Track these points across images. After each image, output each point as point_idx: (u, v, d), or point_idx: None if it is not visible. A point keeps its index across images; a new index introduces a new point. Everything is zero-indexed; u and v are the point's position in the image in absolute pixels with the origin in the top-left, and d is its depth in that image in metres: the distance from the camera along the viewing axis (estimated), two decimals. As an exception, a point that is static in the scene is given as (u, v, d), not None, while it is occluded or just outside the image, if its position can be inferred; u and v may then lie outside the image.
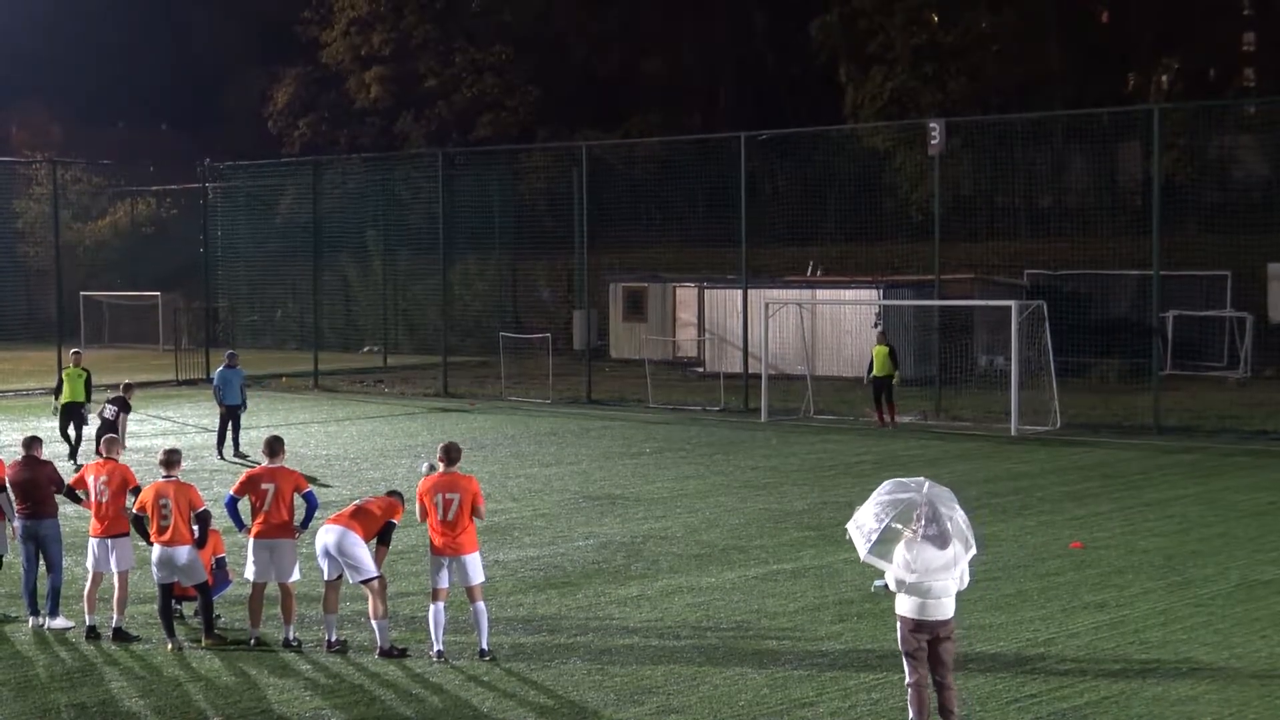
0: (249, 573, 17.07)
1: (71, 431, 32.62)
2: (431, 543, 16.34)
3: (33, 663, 16.50)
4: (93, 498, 17.55)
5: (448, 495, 16.24)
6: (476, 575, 16.34)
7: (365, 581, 16.53)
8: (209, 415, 39.20)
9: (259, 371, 49.88)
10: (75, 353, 34.95)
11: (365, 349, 63.77)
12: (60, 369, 37.38)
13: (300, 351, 58.19)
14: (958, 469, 30.07)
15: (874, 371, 37.91)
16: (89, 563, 17.63)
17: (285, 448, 17.55)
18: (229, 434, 33.35)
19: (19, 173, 73.09)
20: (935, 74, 69.62)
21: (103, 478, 17.53)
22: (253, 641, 16.99)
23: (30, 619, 17.95)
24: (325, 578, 16.74)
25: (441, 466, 16.56)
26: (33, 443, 18.37)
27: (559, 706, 14.68)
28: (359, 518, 16.75)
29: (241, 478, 17.35)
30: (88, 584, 17.63)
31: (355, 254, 65.45)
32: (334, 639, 16.81)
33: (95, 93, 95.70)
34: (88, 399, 32.88)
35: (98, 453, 18.39)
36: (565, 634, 17.33)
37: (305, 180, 59.23)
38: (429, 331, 58.48)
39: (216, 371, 34.70)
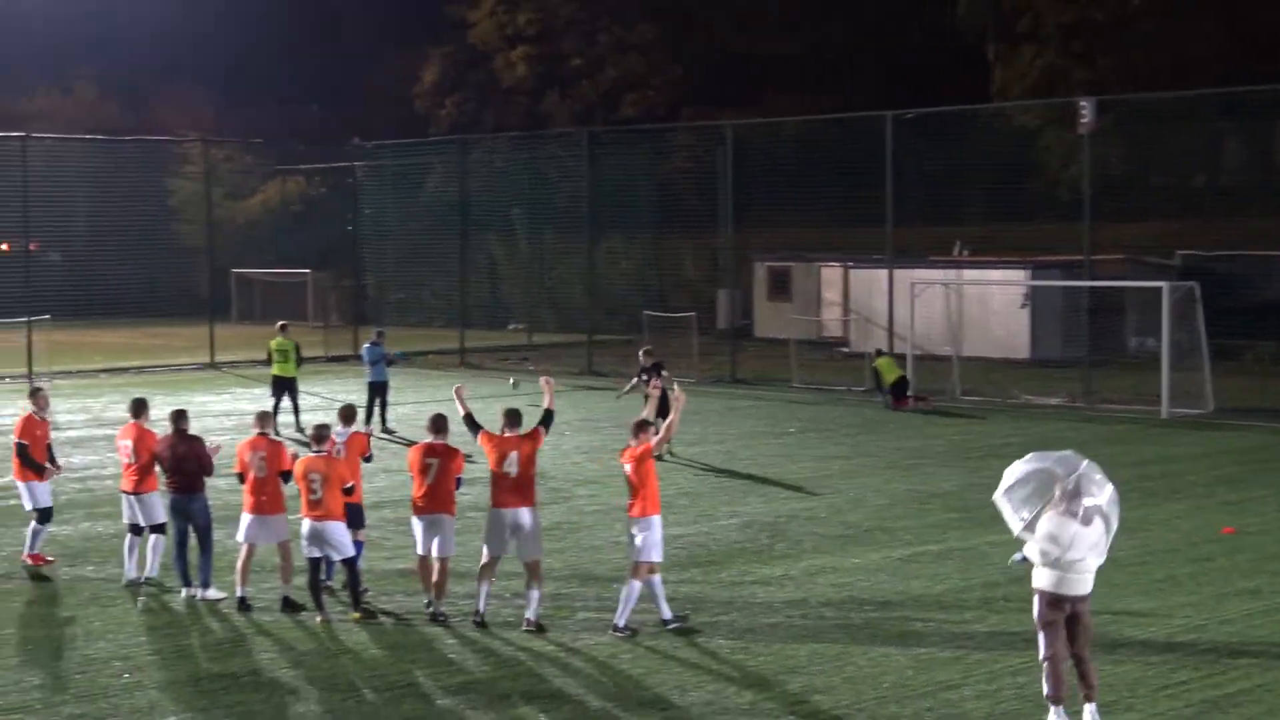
0: (417, 548, 17.36)
1: (287, 402, 33.70)
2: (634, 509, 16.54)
3: (186, 633, 16.81)
4: (250, 473, 17.79)
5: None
6: (655, 551, 16.46)
7: (535, 558, 16.86)
8: (357, 391, 39.69)
9: (406, 349, 50.32)
10: (281, 325, 35.63)
11: (510, 327, 64.12)
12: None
13: (446, 329, 58.65)
14: (1106, 452, 29.62)
15: (885, 382, 37.46)
16: (240, 536, 17.88)
17: (449, 425, 17.65)
18: (376, 410, 33.76)
19: (172, 151, 74.31)
20: (1085, 51, 68.62)
21: (260, 453, 17.75)
22: (429, 609, 17.23)
23: (183, 590, 18.26)
24: (493, 554, 16.99)
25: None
26: (180, 417, 18.60)
27: (702, 683, 14.69)
28: (532, 489, 17.04)
29: (409, 454, 17.55)
30: (241, 557, 17.94)
31: (501, 232, 65.77)
32: (482, 609, 17.02)
33: (247, 73, 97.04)
34: (297, 367, 34.55)
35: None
36: (709, 612, 17.33)
37: (452, 159, 59.69)
38: (574, 310, 58.67)
39: (364, 348, 35.15)
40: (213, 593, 18.14)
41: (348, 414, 18.86)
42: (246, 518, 17.78)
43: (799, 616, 17.25)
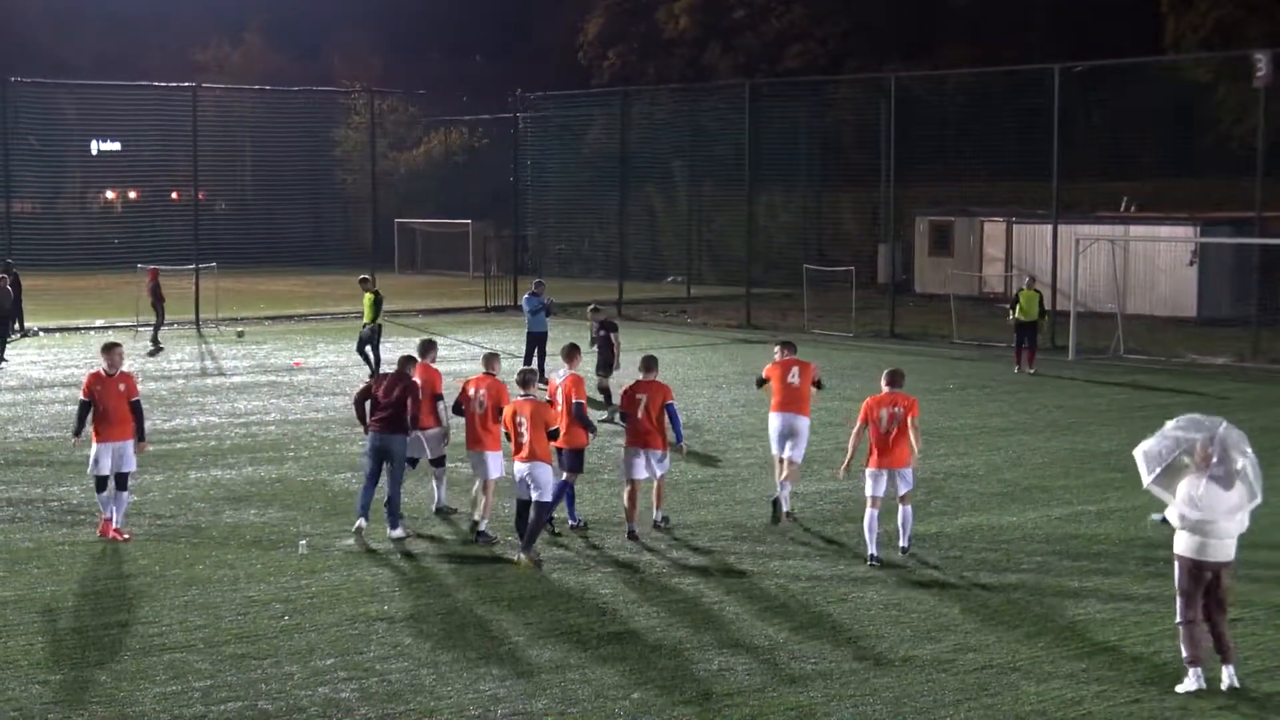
0: (630, 473, 18.44)
1: (369, 351, 34.45)
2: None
3: (345, 576, 17.01)
4: (475, 410, 18.30)
5: (893, 410, 18.11)
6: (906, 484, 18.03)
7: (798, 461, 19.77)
8: (516, 341, 39.97)
9: (565, 300, 50.58)
10: (362, 279, 36.42)
11: (669, 279, 64.20)
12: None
13: (605, 280, 58.88)
14: (1275, 413, 29.05)
15: (1018, 315, 36.29)
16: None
17: (659, 366, 18.94)
18: (535, 360, 33.96)
19: (339, 102, 75.25)
20: (1263, 2, 66.91)
21: (482, 391, 18.30)
22: (629, 532, 18.38)
23: (357, 520, 18.43)
24: (777, 453, 19.88)
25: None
26: (407, 360, 19.04)
27: (855, 638, 14.64)
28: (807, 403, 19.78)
29: (622, 392, 18.65)
30: (476, 489, 18.65)
31: (661, 185, 65.86)
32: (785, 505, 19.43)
33: (411, 25, 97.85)
34: (374, 319, 35.11)
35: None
36: (863, 567, 17.24)
37: (614, 111, 59.81)
38: (732, 262, 58.58)
39: (524, 298, 35.42)
40: (399, 531, 18.47)
41: (569, 352, 19.10)
42: (471, 454, 18.58)
43: (953, 575, 17.12)
